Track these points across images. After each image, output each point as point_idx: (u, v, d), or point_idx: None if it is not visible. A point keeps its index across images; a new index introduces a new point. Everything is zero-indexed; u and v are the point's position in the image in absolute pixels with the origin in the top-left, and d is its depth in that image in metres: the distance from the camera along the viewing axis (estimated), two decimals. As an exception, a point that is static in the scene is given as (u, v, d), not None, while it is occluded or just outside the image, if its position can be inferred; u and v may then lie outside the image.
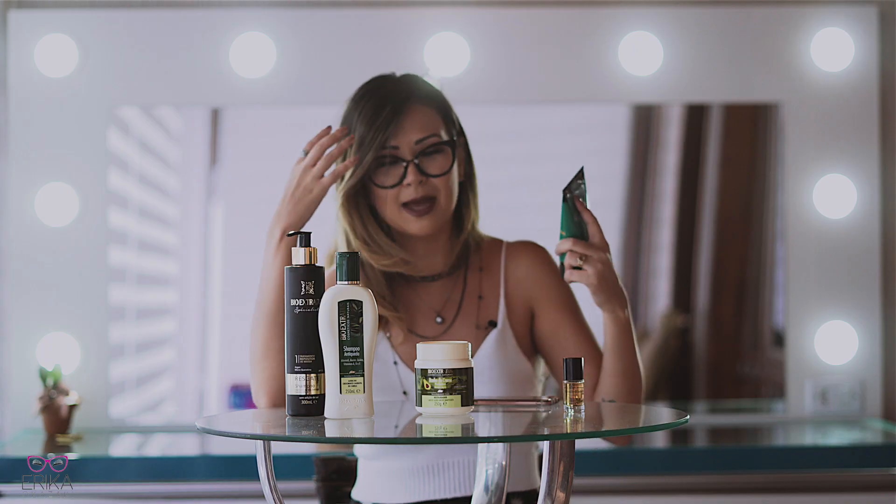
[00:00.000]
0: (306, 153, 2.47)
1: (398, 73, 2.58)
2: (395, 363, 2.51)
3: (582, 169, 2.42)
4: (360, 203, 2.52)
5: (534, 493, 2.53)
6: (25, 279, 3.82)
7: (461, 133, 2.57)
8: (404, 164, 2.47)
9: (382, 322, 2.52)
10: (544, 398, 2.32)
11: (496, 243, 2.60)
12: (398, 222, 2.50)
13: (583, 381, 2.23)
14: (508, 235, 2.64)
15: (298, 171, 2.47)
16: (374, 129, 2.47)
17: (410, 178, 2.47)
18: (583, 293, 2.51)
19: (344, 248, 2.54)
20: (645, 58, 3.89)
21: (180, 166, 4.06)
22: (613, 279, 2.43)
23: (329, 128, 2.47)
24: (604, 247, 2.40)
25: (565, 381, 2.22)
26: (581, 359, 2.23)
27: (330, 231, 2.61)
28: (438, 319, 2.54)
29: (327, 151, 2.46)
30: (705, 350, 4.01)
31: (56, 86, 3.84)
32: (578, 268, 2.39)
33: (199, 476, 3.44)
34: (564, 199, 2.39)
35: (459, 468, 2.50)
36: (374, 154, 2.46)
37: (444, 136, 2.50)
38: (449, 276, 2.57)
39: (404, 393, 2.50)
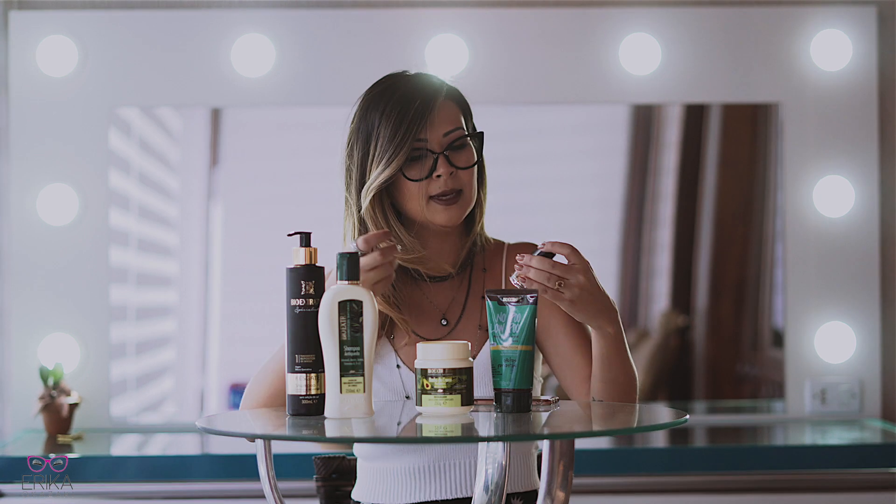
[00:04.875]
0: (361, 252, 2.34)
1: (410, 72, 2.57)
2: (398, 366, 2.51)
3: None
4: (385, 200, 2.52)
5: (534, 494, 2.53)
6: (26, 279, 3.83)
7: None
8: (434, 156, 2.47)
9: (385, 324, 2.52)
10: (544, 398, 2.33)
11: (499, 244, 2.60)
12: (426, 215, 2.48)
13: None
14: (509, 235, 2.64)
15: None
16: (406, 124, 2.45)
17: (441, 169, 2.45)
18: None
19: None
20: (644, 58, 3.90)
21: (180, 166, 4.07)
22: (597, 297, 2.36)
23: (387, 232, 2.36)
24: (584, 268, 2.36)
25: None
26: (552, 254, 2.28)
27: (331, 232, 2.60)
28: (443, 322, 2.54)
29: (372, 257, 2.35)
30: (705, 350, 4.01)
31: (57, 86, 3.84)
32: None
33: (199, 476, 3.44)
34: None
35: (459, 469, 2.50)
36: (409, 148, 2.45)
37: (468, 130, 2.51)
38: (455, 276, 2.57)
39: (406, 397, 2.50)
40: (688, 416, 2.14)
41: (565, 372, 2.50)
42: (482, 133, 2.53)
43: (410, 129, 2.45)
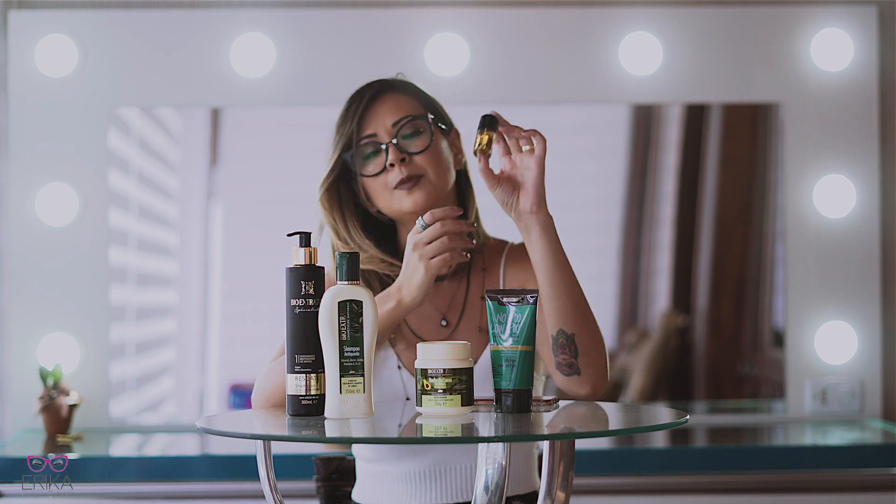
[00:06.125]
0: (424, 226, 2.36)
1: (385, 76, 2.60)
2: (399, 367, 2.51)
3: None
4: (344, 200, 2.53)
5: (534, 496, 2.53)
6: (25, 279, 3.82)
7: (451, 125, 2.59)
8: (384, 147, 2.48)
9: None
10: (544, 398, 2.32)
11: (500, 244, 2.59)
12: (393, 206, 2.49)
13: (494, 132, 2.30)
14: (507, 235, 2.64)
15: (410, 245, 2.35)
16: (345, 122, 2.50)
17: (392, 157, 2.47)
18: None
19: (331, 251, 2.55)
20: (645, 58, 3.89)
21: (180, 166, 4.07)
22: None
23: (454, 208, 2.36)
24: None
25: (477, 131, 2.30)
26: (495, 116, 2.31)
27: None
28: (443, 323, 2.53)
29: (443, 237, 2.35)
30: (705, 350, 4.01)
31: (56, 86, 3.84)
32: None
33: (199, 476, 3.44)
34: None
35: (459, 473, 2.49)
36: (346, 143, 2.48)
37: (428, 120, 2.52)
38: (454, 276, 2.56)
39: (407, 399, 2.49)
40: (688, 417, 2.14)
41: (543, 348, 2.45)
42: (426, 114, 2.52)
43: (350, 122, 2.49)
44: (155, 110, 3.99)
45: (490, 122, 2.33)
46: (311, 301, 2.17)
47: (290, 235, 2.28)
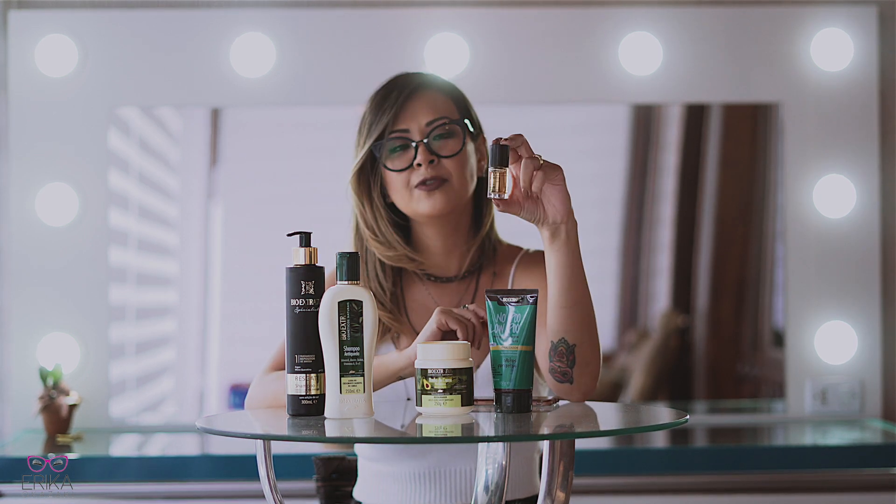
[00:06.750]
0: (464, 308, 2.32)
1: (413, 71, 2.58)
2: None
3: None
4: (373, 191, 2.52)
5: (535, 499, 2.52)
6: (25, 279, 3.83)
7: (481, 131, 2.57)
8: (414, 144, 2.47)
9: (388, 328, 2.51)
10: (545, 398, 2.32)
11: (514, 249, 2.58)
12: (411, 205, 2.48)
13: (507, 167, 2.23)
14: (509, 235, 2.64)
15: (434, 322, 2.28)
16: (381, 112, 2.47)
17: (420, 157, 2.46)
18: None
19: (353, 237, 2.55)
20: (645, 58, 3.89)
21: (180, 166, 4.07)
22: None
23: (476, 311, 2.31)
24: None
25: (490, 168, 2.22)
26: (507, 146, 2.23)
27: (330, 232, 2.60)
28: (449, 324, 2.52)
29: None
30: (705, 350, 4.01)
31: (56, 86, 3.84)
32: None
33: (199, 476, 3.44)
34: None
35: (459, 476, 2.49)
36: (379, 133, 2.46)
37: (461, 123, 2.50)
38: (463, 279, 2.56)
39: (408, 399, 2.49)
40: (688, 417, 2.14)
41: (539, 349, 2.42)
42: (464, 121, 2.51)
43: (384, 115, 2.46)
44: (155, 110, 3.99)
45: (501, 159, 2.26)
46: (311, 301, 2.17)
47: (290, 235, 2.27)
